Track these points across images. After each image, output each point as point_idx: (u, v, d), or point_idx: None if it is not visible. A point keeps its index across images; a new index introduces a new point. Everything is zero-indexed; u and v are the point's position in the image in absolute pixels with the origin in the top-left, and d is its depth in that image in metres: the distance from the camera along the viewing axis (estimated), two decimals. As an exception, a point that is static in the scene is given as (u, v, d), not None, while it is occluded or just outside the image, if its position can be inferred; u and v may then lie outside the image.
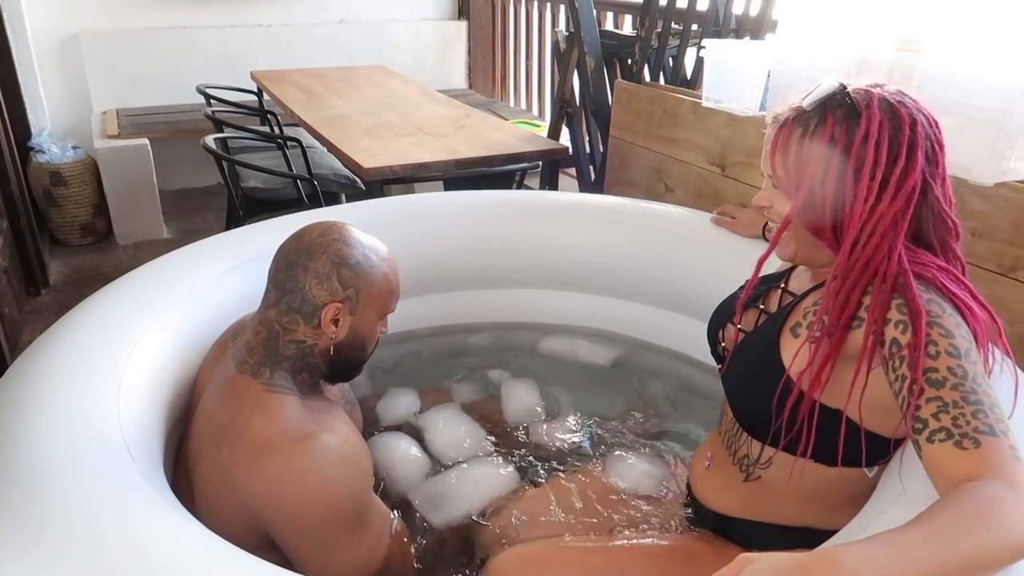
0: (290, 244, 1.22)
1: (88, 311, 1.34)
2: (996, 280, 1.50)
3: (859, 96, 1.02)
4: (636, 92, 2.43)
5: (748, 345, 1.19)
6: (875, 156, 0.99)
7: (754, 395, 1.13)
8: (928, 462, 0.88)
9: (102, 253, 3.61)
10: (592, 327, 1.97)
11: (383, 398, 1.70)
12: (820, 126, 1.02)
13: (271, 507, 1.10)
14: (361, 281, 1.20)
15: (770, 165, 1.09)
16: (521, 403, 1.71)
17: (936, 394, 0.89)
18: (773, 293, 1.24)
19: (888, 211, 0.99)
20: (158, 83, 4.15)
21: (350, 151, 2.44)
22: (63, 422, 1.04)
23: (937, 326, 0.93)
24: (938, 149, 1.03)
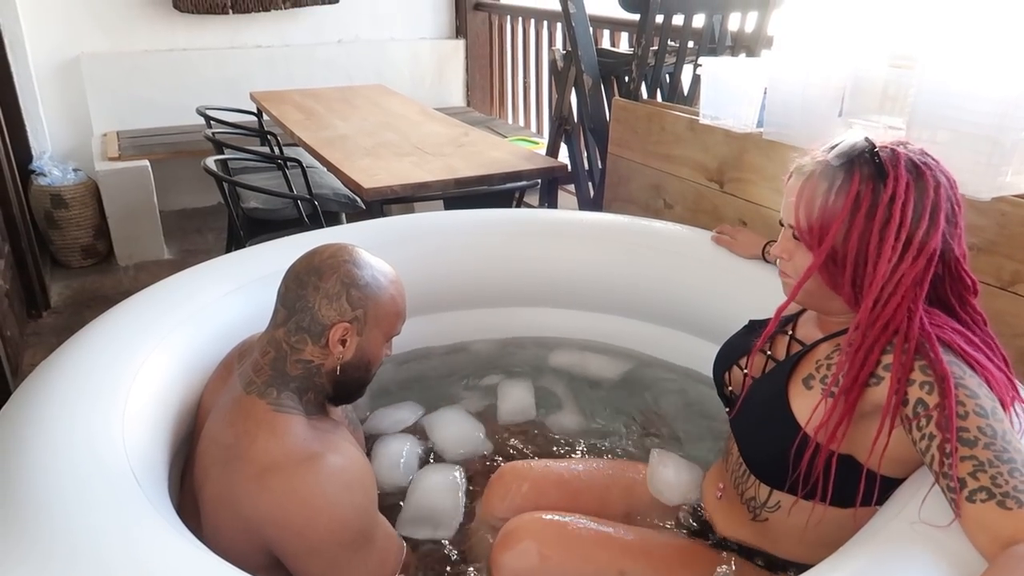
0: (301, 264, 1.24)
1: (91, 335, 1.35)
2: (995, 294, 1.51)
3: (886, 155, 1.04)
4: (633, 109, 2.44)
5: (757, 393, 1.20)
6: (901, 217, 1.00)
7: (766, 444, 1.14)
8: (970, 522, 0.89)
9: (103, 275, 3.61)
10: (594, 341, 1.98)
11: (382, 411, 1.73)
12: (847, 182, 1.04)
13: (277, 527, 1.11)
14: (370, 302, 1.21)
15: (794, 216, 1.09)
16: (515, 402, 1.74)
17: (970, 453, 0.90)
18: (780, 339, 1.25)
19: (910, 271, 1.01)
20: (158, 105, 4.17)
21: (350, 171, 2.46)
22: (67, 447, 1.04)
23: (962, 387, 0.95)
24: (957, 210, 1.05)
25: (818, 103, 1.82)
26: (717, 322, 1.73)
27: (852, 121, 1.81)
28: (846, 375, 1.02)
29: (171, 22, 4.17)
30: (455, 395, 1.83)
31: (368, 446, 1.58)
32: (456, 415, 1.70)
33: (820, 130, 1.84)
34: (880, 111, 1.77)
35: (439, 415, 1.69)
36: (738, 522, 1.23)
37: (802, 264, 1.09)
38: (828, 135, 1.81)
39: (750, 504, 1.20)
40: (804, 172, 1.09)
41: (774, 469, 1.13)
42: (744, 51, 2.70)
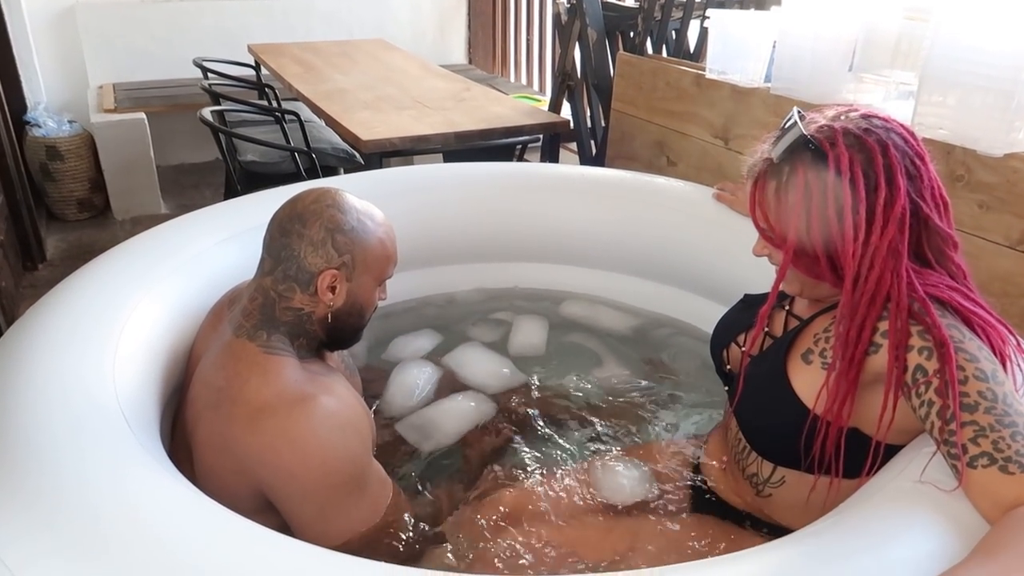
0: (283, 211, 1.21)
1: (82, 281, 1.33)
2: (1003, 253, 1.48)
3: (823, 135, 1.00)
4: (638, 65, 2.39)
5: (757, 371, 1.17)
6: (853, 192, 0.98)
7: (768, 422, 1.12)
8: (973, 487, 0.87)
9: (99, 228, 3.58)
10: (595, 296, 1.97)
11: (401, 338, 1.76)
12: (792, 176, 1.01)
13: (269, 469, 1.09)
14: (356, 247, 1.18)
15: (754, 221, 1.08)
16: (526, 336, 1.74)
17: (970, 418, 0.88)
18: (777, 315, 1.22)
19: (882, 242, 0.98)
20: (155, 57, 4.10)
21: (349, 124, 2.42)
22: (57, 390, 1.02)
23: (961, 351, 0.93)
24: (918, 163, 1.01)
25: (828, 57, 1.78)
26: (719, 281, 1.71)
27: (862, 75, 1.77)
28: (842, 358, 1.00)
29: (168, -29, 4.09)
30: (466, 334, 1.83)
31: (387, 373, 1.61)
32: (480, 351, 1.70)
33: (830, 85, 1.81)
34: (892, 66, 1.73)
35: (462, 352, 1.69)
36: (743, 495, 1.22)
37: (779, 259, 1.07)
38: (838, 90, 1.80)
39: (752, 480, 1.19)
40: (753, 174, 1.07)
41: (777, 446, 1.11)
42: (753, 4, 2.64)
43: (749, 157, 1.11)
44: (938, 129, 1.54)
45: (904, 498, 0.91)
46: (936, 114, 1.53)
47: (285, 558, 0.81)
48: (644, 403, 1.59)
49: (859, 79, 1.78)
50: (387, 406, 1.56)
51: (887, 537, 0.84)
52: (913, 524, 0.87)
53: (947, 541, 0.83)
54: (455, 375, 1.65)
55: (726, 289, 1.55)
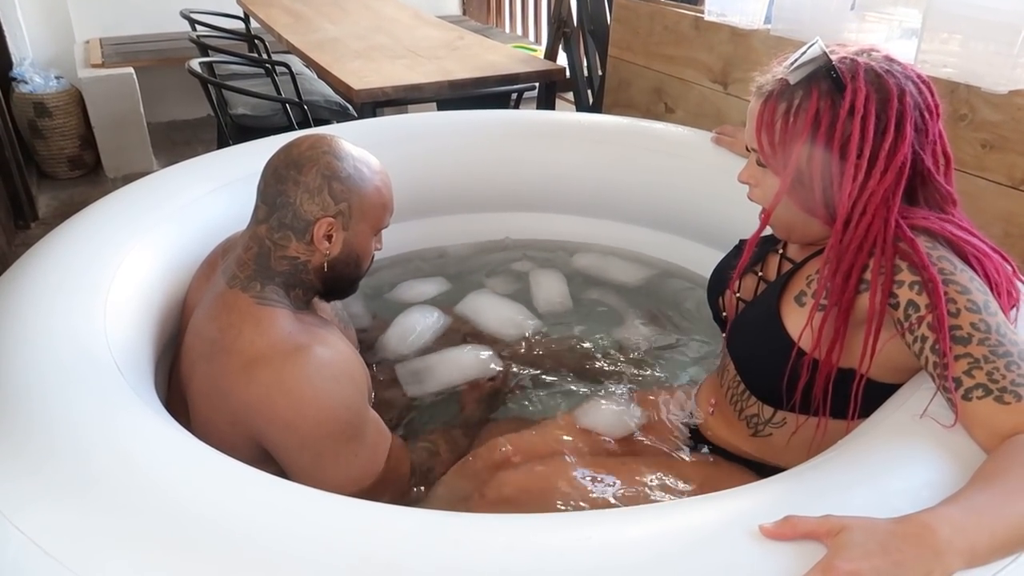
0: (278, 158, 1.18)
1: (72, 230, 1.31)
2: (1007, 193, 1.46)
3: (845, 67, 0.97)
4: (636, 8, 2.34)
5: (750, 315, 1.16)
6: (862, 131, 0.95)
7: (764, 365, 1.11)
8: (969, 419, 0.87)
9: (91, 186, 3.54)
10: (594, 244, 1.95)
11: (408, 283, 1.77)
12: (805, 101, 0.98)
13: (264, 419, 1.09)
14: (353, 195, 1.16)
15: (756, 141, 1.04)
16: (549, 291, 1.73)
17: (964, 351, 0.87)
18: (771, 259, 1.20)
19: (878, 188, 0.96)
20: (142, 10, 4.02)
21: (340, 73, 2.37)
22: (47, 337, 1.01)
23: (952, 283, 0.91)
24: (928, 116, 0.99)
25: (830, -5, 1.74)
26: (719, 227, 1.69)
27: (865, 14, 1.73)
28: (829, 298, 0.99)
29: (154, -79, 3.97)
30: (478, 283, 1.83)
31: (391, 316, 1.63)
32: (495, 299, 1.70)
33: (832, 24, 1.77)
34: (895, 3, 1.69)
35: (476, 300, 1.69)
36: (737, 437, 1.22)
37: (771, 189, 1.05)
38: (840, 30, 1.76)
39: (751, 421, 1.18)
40: (763, 93, 1.03)
41: (774, 389, 1.10)
42: (753, -53, 2.57)
43: (759, 75, 1.07)
44: (942, 67, 1.51)
45: (901, 432, 0.90)
46: (940, 51, 1.50)
47: (279, 497, 0.80)
48: (655, 356, 1.58)
49: (862, 18, 1.74)
50: (382, 348, 1.57)
51: (884, 469, 0.84)
52: (910, 456, 0.86)
53: (945, 471, 0.83)
54: (470, 323, 1.64)
55: (726, 235, 1.53)
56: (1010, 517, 0.73)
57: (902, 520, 0.72)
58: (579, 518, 0.83)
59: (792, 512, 0.74)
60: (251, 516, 0.76)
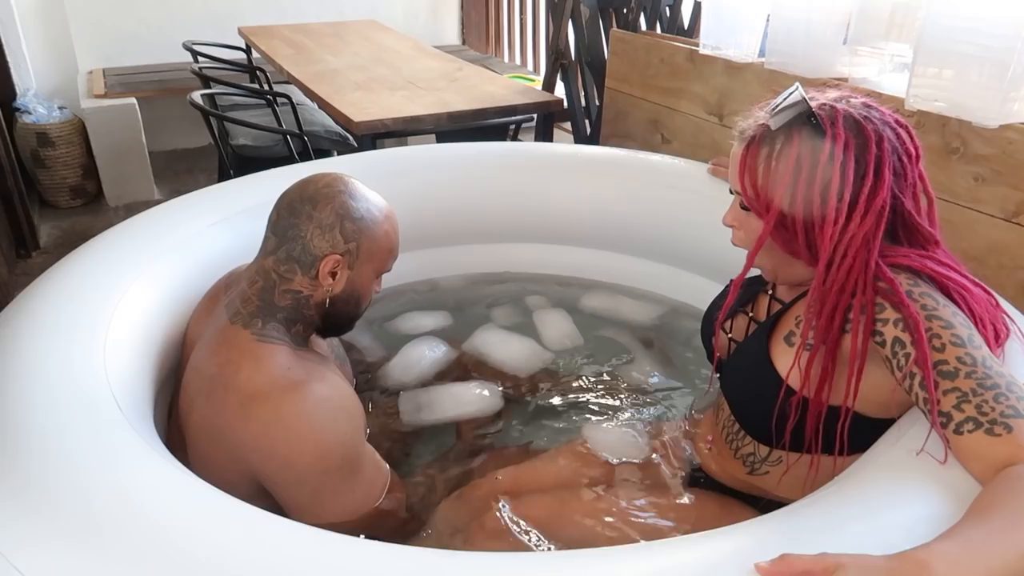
0: (294, 192, 1.20)
1: (72, 265, 1.32)
2: (1000, 225, 1.48)
3: (824, 113, 1.00)
4: (632, 41, 2.37)
5: (742, 355, 1.18)
6: (842, 176, 0.98)
7: (757, 405, 1.12)
8: (962, 453, 0.87)
9: (93, 215, 3.56)
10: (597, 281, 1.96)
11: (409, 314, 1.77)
12: (787, 146, 1.00)
13: (262, 455, 1.09)
14: (363, 236, 1.18)
15: (739, 185, 1.06)
16: (557, 330, 1.73)
17: (952, 385, 0.88)
18: (761, 299, 1.22)
19: (859, 231, 0.98)
20: (145, 41, 4.07)
21: (340, 105, 2.40)
22: (46, 374, 1.02)
23: (936, 319, 0.93)
24: (907, 160, 1.01)
25: (823, 30, 1.77)
26: (725, 259, 1.70)
27: (857, 48, 1.76)
28: (816, 337, 1.01)
29: (157, -45, 4.04)
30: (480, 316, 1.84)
31: (394, 347, 1.65)
32: (502, 333, 1.71)
33: (825, 58, 1.79)
34: (887, 37, 1.71)
35: (484, 334, 1.70)
36: (734, 474, 1.22)
37: (755, 232, 1.07)
38: (833, 63, 1.79)
39: (747, 459, 1.19)
40: (746, 138, 1.05)
41: (768, 428, 1.11)
42: (747, -19, 2.61)
43: (742, 120, 1.09)
44: (933, 101, 1.53)
45: (896, 467, 0.91)
46: (931, 85, 1.52)
47: (279, 537, 0.80)
48: (663, 392, 1.58)
49: (854, 52, 1.77)
50: (384, 377, 1.58)
51: (880, 505, 0.84)
52: (906, 491, 0.87)
53: (941, 506, 0.83)
54: (478, 357, 1.65)
55: (729, 268, 1.54)
56: (1005, 551, 0.73)
57: (898, 557, 0.72)
58: (574, 557, 0.83)
59: (788, 550, 0.74)
60: (253, 557, 0.76)
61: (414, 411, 1.49)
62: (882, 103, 1.56)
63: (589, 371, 1.62)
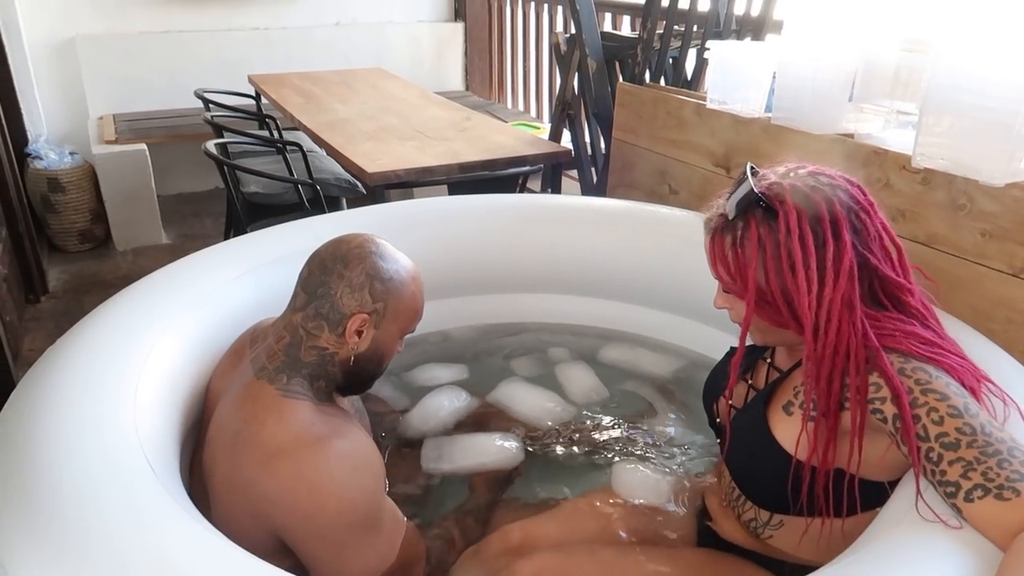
0: (327, 250, 1.23)
1: (99, 321, 1.33)
2: (1007, 281, 1.50)
3: (772, 193, 1.05)
4: (639, 94, 2.42)
5: (741, 423, 1.21)
6: (803, 248, 1.02)
7: (757, 472, 1.15)
8: (975, 520, 0.89)
9: (101, 259, 3.59)
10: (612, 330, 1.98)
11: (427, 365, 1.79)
12: (746, 230, 1.05)
13: (285, 512, 1.10)
14: (391, 297, 1.21)
15: (715, 272, 1.11)
16: (582, 383, 1.74)
17: (956, 455, 0.91)
18: (760, 367, 1.26)
19: (835, 295, 1.02)
20: (155, 87, 4.14)
21: (353, 156, 2.43)
22: (80, 437, 1.03)
23: (931, 392, 0.96)
24: (864, 216, 1.06)
25: (829, 88, 1.81)
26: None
27: (863, 106, 1.80)
28: (818, 405, 1.04)
29: (168, 4, 4.13)
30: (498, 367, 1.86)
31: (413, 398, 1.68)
32: (526, 386, 1.72)
33: (830, 115, 1.84)
34: (892, 96, 1.76)
35: (508, 386, 1.71)
36: (743, 537, 1.24)
37: (741, 310, 1.11)
38: (838, 120, 1.83)
39: (750, 525, 1.21)
40: (710, 229, 1.11)
41: (769, 495, 1.14)
42: (749, 34, 2.68)
43: (705, 211, 1.15)
44: (939, 159, 1.57)
45: (923, 529, 0.92)
46: (937, 144, 1.56)
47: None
48: (683, 446, 1.59)
49: (859, 108, 1.81)
50: (404, 426, 1.60)
51: (910, 571, 0.85)
52: (934, 555, 0.88)
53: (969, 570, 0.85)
54: (502, 409, 1.66)
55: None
56: None
57: None
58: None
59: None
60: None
61: (435, 458, 1.51)
62: (887, 160, 1.65)
63: (611, 424, 1.63)
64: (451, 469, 1.50)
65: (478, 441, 1.54)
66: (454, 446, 1.53)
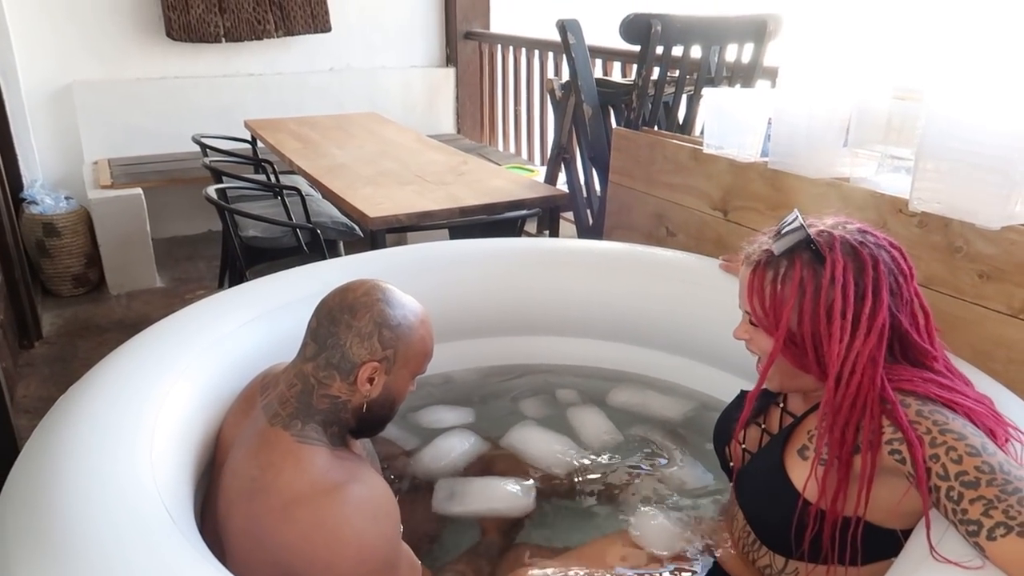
0: (334, 300, 1.24)
1: (110, 370, 1.33)
2: (1006, 321, 1.53)
3: (823, 240, 1.09)
4: (635, 139, 2.47)
5: (757, 467, 1.23)
6: (843, 297, 1.05)
7: (773, 517, 1.16)
8: (998, 558, 0.90)
9: (95, 304, 3.57)
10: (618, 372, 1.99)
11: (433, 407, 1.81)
12: (790, 270, 1.09)
13: (304, 561, 1.10)
14: (400, 343, 1.22)
15: (748, 305, 1.14)
16: (595, 427, 1.75)
17: (976, 494, 0.93)
18: (773, 411, 1.28)
19: (864, 349, 1.05)
20: (150, 132, 4.16)
21: (354, 200, 2.46)
22: (99, 490, 1.02)
23: (949, 432, 0.98)
24: (902, 280, 1.10)
25: (823, 134, 1.86)
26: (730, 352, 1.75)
27: (857, 151, 1.85)
28: (829, 452, 1.06)
29: (164, 50, 4.17)
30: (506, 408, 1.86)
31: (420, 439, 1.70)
32: (539, 431, 1.73)
33: (825, 159, 1.88)
34: (885, 141, 1.81)
35: (521, 431, 1.71)
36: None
37: (764, 345, 1.14)
38: (834, 164, 1.88)
39: (765, 571, 1.21)
40: (752, 262, 1.14)
41: (785, 539, 1.14)
42: (740, 81, 2.75)
43: (747, 245, 1.18)
44: (935, 203, 1.61)
45: (944, 572, 0.93)
46: (933, 189, 1.60)
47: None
48: (695, 492, 1.59)
49: (854, 153, 1.86)
50: (413, 466, 1.61)
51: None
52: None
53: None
54: (515, 454, 1.66)
55: (740, 362, 1.59)
56: None
57: None
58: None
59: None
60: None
61: (446, 499, 1.51)
62: (884, 203, 1.69)
63: (624, 469, 1.63)
64: (462, 511, 1.50)
65: (491, 485, 1.54)
66: (466, 488, 1.53)
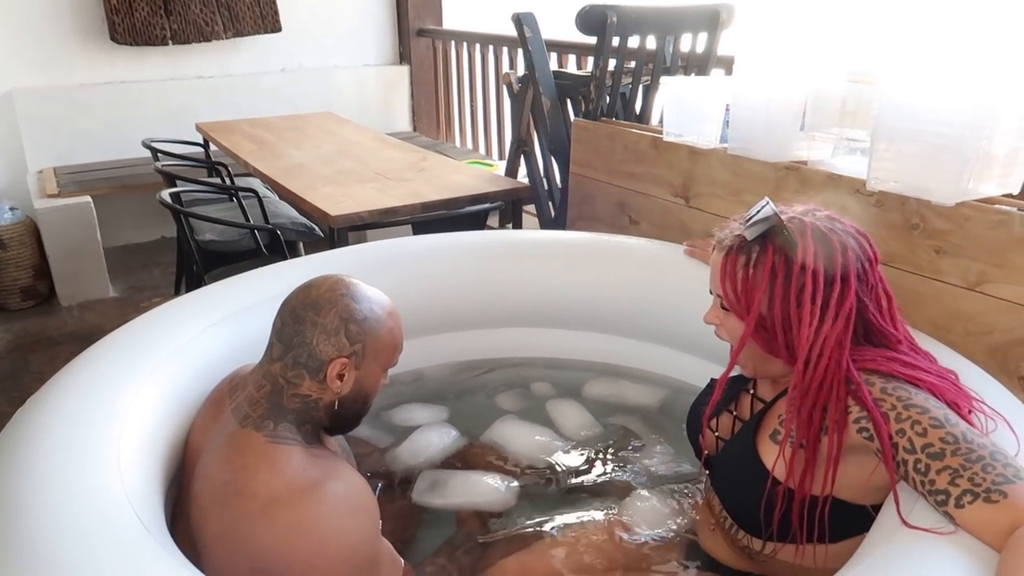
0: (297, 298, 1.21)
1: (72, 378, 1.29)
2: (964, 295, 1.58)
3: (795, 226, 1.11)
4: (595, 129, 2.48)
5: (731, 454, 1.25)
6: (814, 283, 1.08)
7: (749, 501, 1.18)
8: (968, 524, 0.93)
9: (45, 316, 3.46)
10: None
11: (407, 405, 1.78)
12: (762, 255, 1.11)
13: (284, 562, 1.08)
14: (368, 337, 1.19)
15: (720, 289, 1.16)
16: (574, 420, 1.75)
17: (942, 465, 0.96)
18: (743, 398, 1.30)
19: (831, 333, 1.08)
20: (98, 139, 4.05)
21: (314, 199, 2.43)
22: (69, 501, 0.99)
23: (913, 407, 1.02)
24: (867, 266, 1.13)
25: (781, 119, 1.88)
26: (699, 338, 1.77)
27: (814, 134, 1.88)
28: (797, 433, 1.09)
29: (109, 55, 4.06)
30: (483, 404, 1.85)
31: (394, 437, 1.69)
32: (521, 424, 1.72)
33: (783, 144, 1.91)
34: (841, 124, 1.84)
35: (503, 425, 1.71)
36: (739, 561, 1.26)
37: (735, 330, 1.16)
38: (791, 148, 1.91)
39: (746, 551, 1.24)
40: (724, 247, 1.16)
41: (761, 522, 1.17)
42: (695, 71, 2.78)
43: (719, 231, 1.20)
44: (892, 182, 1.64)
45: (918, 539, 0.95)
46: (889, 168, 1.64)
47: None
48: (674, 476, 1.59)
49: (811, 137, 1.89)
50: (391, 460, 1.60)
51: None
52: (936, 560, 0.91)
53: (971, 570, 0.89)
54: (496, 448, 1.65)
55: (710, 347, 1.60)
56: None
57: None
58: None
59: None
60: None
61: (427, 490, 1.51)
62: (842, 184, 1.72)
63: (605, 457, 1.64)
64: (443, 504, 1.49)
65: (472, 479, 1.54)
66: (447, 481, 1.52)
